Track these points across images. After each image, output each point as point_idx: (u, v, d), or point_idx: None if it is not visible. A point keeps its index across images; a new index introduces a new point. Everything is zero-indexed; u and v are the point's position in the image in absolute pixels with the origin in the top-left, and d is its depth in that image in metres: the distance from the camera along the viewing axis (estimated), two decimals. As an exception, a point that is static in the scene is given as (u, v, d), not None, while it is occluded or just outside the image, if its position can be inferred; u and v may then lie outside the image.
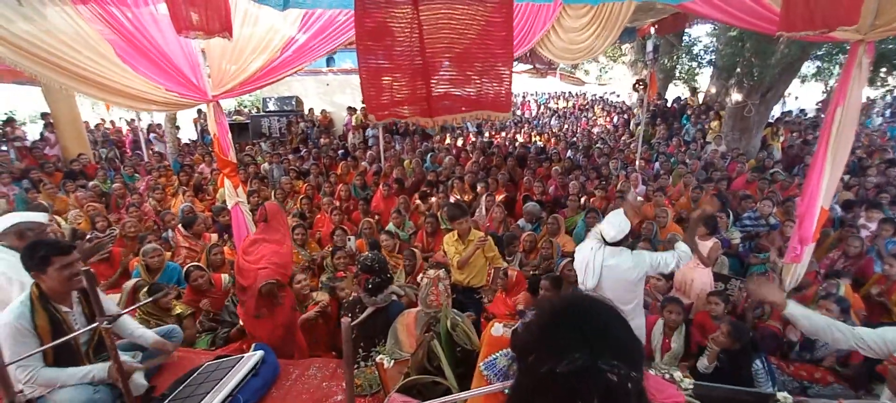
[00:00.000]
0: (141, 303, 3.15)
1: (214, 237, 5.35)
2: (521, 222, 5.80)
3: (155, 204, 6.45)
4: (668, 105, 12.85)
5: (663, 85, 13.46)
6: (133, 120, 11.40)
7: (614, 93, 19.34)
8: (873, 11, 3.14)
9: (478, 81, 1.97)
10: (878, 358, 2.08)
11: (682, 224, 5.53)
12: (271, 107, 13.11)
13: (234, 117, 13.53)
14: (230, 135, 4.16)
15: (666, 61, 11.95)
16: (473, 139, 11.49)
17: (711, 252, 4.23)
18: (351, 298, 2.96)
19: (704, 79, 12.78)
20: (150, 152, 9.73)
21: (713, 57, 11.12)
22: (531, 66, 11.60)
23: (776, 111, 10.83)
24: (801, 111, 14.15)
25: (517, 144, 10.83)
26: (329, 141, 11.15)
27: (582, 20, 3.61)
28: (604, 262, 2.94)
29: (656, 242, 5.01)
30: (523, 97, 21.93)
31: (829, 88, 9.53)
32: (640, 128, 8.29)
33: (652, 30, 7.33)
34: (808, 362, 3.19)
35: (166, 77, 3.51)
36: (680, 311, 3.35)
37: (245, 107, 16.42)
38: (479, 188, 6.73)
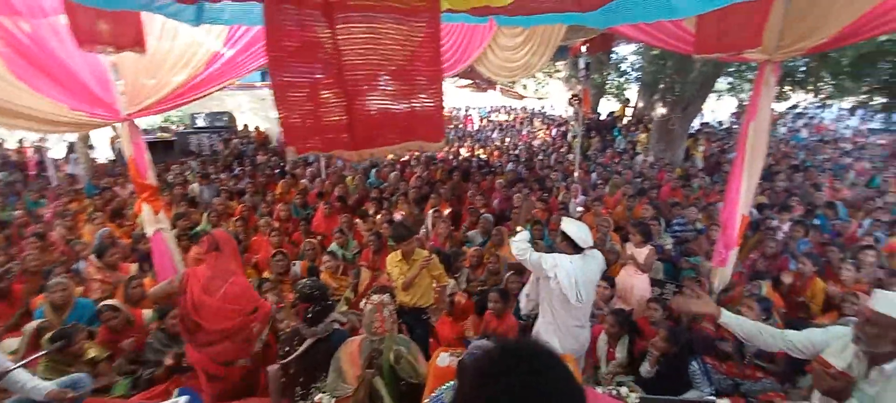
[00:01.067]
0: (41, 353, 2.74)
1: (134, 267, 4.84)
2: (471, 233, 5.80)
3: (64, 232, 5.76)
4: (602, 118, 13.58)
5: (596, 99, 14.21)
6: (40, 139, 10.24)
7: (552, 106, 20.15)
8: (778, 34, 3.45)
9: (406, 110, 1.76)
10: (806, 359, 2.21)
11: (619, 232, 5.78)
12: (201, 123, 12.33)
13: (159, 135, 12.56)
14: (149, 155, 3.79)
15: (597, 77, 12.63)
16: (417, 153, 11.45)
17: (648, 258, 4.42)
18: (288, 330, 2.75)
19: (632, 93, 13.64)
20: (62, 175, 8.75)
21: (639, 74, 11.91)
22: (472, 82, 11.80)
23: (696, 123, 11.75)
24: (718, 123, 15.50)
25: (461, 158, 10.91)
26: (266, 158, 10.62)
27: (517, 39, 3.69)
28: (584, 271, 2.97)
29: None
30: (466, 111, 22.28)
31: (741, 102, 10.50)
32: (577, 140, 8.63)
33: (583, 48, 7.70)
34: (742, 361, 3.38)
35: (70, 95, 3.13)
36: (617, 324, 3.44)
37: (172, 123, 15.33)
38: (429, 201, 6.67)
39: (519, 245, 2.99)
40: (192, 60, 3.43)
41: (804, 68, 7.60)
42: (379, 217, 6.34)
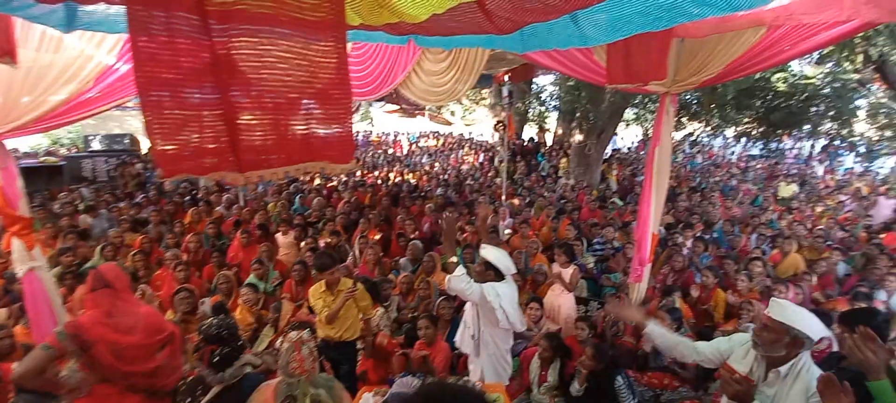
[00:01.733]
0: None
1: (2, 313, 4.09)
2: (402, 261, 5.66)
3: None
4: (526, 144, 14.21)
5: (520, 126, 14.89)
6: None
7: (480, 133, 20.79)
8: (674, 70, 3.84)
9: (303, 128, 1.57)
10: (714, 367, 2.36)
11: (545, 252, 5.97)
12: (96, 146, 11.03)
13: (45, 159, 11.02)
14: (21, 181, 3.24)
15: (520, 105, 13.28)
16: (346, 178, 11.12)
17: (572, 277, 4.58)
18: (190, 379, 2.42)
19: (553, 121, 14.48)
20: None
21: (558, 102, 12.70)
22: (400, 107, 11.83)
23: (609, 149, 12.69)
24: (628, 148, 16.92)
25: (390, 183, 10.79)
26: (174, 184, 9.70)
27: (441, 64, 3.74)
28: (512, 296, 2.93)
29: (527, 271, 5.29)
30: (394, 136, 22.27)
31: (646, 131, 11.57)
32: (503, 165, 8.93)
33: (506, 77, 8.06)
34: (661, 369, 3.56)
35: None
36: (550, 348, 3.49)
37: (61, 146, 13.58)
38: (357, 227, 6.43)
39: (458, 281, 2.79)
40: (78, 75, 3.02)
41: (697, 101, 8.56)
42: (303, 245, 5.99)
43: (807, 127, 7.83)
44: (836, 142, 10.42)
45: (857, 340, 1.84)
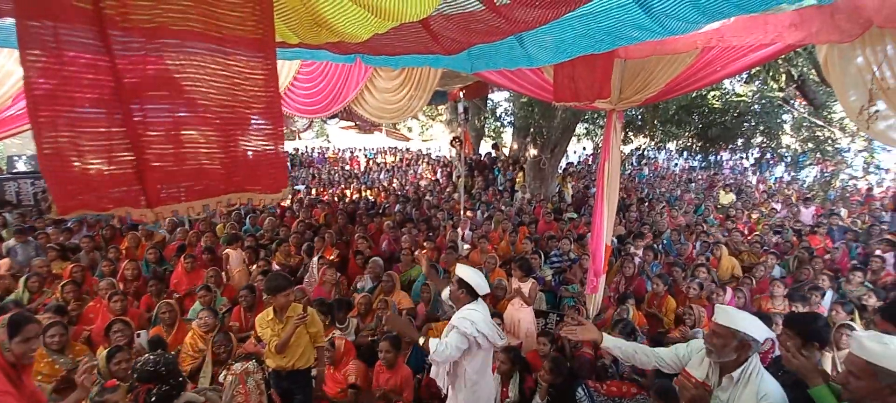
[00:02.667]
0: None
1: None
2: (362, 282, 5.53)
3: None
4: (483, 159, 14.39)
5: (476, 141, 15.10)
6: None
7: (438, 148, 20.91)
8: (619, 89, 4.04)
9: (225, 155, 1.41)
10: (674, 372, 2.42)
11: (504, 267, 6.00)
12: (21, 167, 10.14)
13: (-42, 182, 9.98)
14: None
15: (476, 121, 13.48)
16: (301, 196, 10.80)
17: (531, 291, 4.62)
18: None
19: (508, 136, 14.81)
20: None
21: (512, 118, 13.01)
22: (355, 124, 11.63)
23: (562, 163, 13.09)
24: (580, 162, 17.53)
25: (347, 200, 10.57)
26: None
27: (394, 82, 3.71)
28: (486, 315, 2.87)
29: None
30: (351, 152, 21.97)
31: (596, 145, 12.05)
32: (461, 180, 8.99)
33: (461, 94, 8.16)
34: (619, 377, 3.63)
35: None
36: (509, 360, 3.48)
37: (-20, 167, 12.37)
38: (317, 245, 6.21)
39: (440, 354, 2.65)
40: (-7, 91, 2.75)
41: (641, 117, 9.03)
42: (254, 268, 5.71)
43: (740, 140, 8.41)
44: (767, 155, 11.28)
45: (791, 348, 1.95)
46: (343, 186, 12.98)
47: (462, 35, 1.87)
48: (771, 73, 6.64)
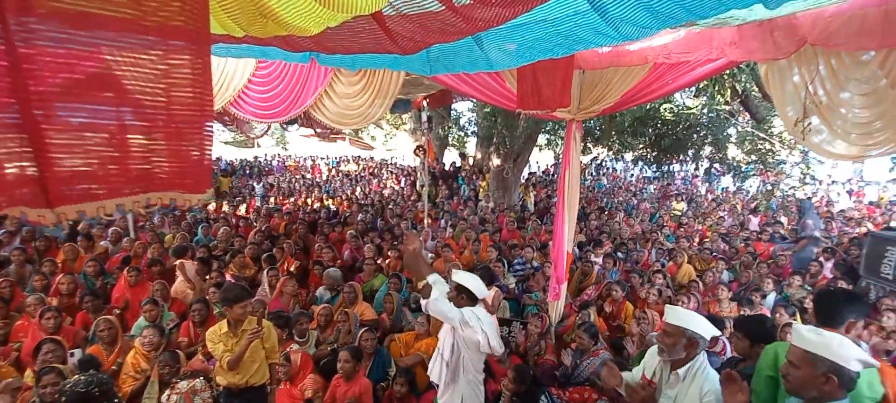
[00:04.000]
0: None
1: None
2: (320, 291, 5.36)
3: None
4: (447, 168, 14.44)
5: (440, 150, 15.14)
6: None
7: (402, 157, 20.81)
8: (578, 99, 4.15)
9: (142, 151, 1.30)
10: None
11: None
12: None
13: None
14: None
15: (440, 130, 13.53)
16: (258, 205, 10.43)
17: (494, 299, 4.60)
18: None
19: (472, 146, 14.94)
20: None
21: (476, 128, 13.14)
22: (315, 131, 11.36)
23: (525, 173, 13.33)
24: (543, 172, 17.89)
25: (308, 209, 10.30)
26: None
27: (355, 87, 3.62)
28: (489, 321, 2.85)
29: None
30: (313, 161, 21.51)
31: (557, 156, 12.33)
32: (425, 189, 8.96)
33: (424, 103, 8.16)
34: (580, 383, 3.66)
35: None
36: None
37: None
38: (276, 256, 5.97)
39: (439, 303, 2.61)
40: None
41: (599, 128, 9.32)
42: (208, 279, 5.43)
43: (691, 151, 8.85)
44: (715, 166, 11.93)
45: (741, 347, 2.08)
46: (304, 195, 12.65)
47: (418, 34, 1.84)
48: (717, 88, 7.03)
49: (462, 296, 2.83)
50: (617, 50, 3.81)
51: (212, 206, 10.02)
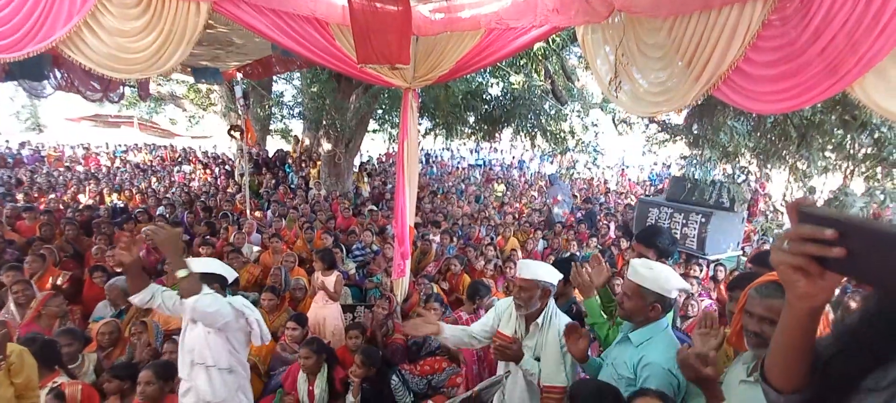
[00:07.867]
0: None
1: None
2: (101, 305, 4.22)
3: None
4: (271, 155, 13.04)
5: (261, 135, 13.59)
6: None
7: (213, 146, 18.00)
8: (413, 67, 4.05)
9: None
10: (489, 341, 2.50)
11: (303, 265, 5.45)
12: None
13: None
14: None
15: (259, 110, 12.15)
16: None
17: (336, 285, 4.24)
18: None
19: (298, 129, 13.81)
20: None
21: (302, 110, 12.17)
22: (96, 114, 8.65)
23: (358, 160, 12.93)
24: (377, 160, 17.72)
25: (81, 206, 8.01)
26: None
27: (134, 23, 2.57)
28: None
29: (285, 288, 4.66)
30: (86, 149, 17.10)
31: (391, 139, 12.15)
32: (245, 178, 7.87)
33: (238, 75, 7.09)
34: (431, 354, 3.57)
35: None
36: (313, 353, 3.06)
37: None
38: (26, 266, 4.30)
39: (208, 302, 2.16)
40: None
41: (434, 103, 9.44)
42: None
43: (516, 123, 9.47)
44: (526, 151, 13.56)
45: (576, 267, 2.29)
46: (75, 189, 9.86)
47: None
48: (534, 66, 7.81)
49: (215, 285, 2.39)
50: (450, 16, 3.80)
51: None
